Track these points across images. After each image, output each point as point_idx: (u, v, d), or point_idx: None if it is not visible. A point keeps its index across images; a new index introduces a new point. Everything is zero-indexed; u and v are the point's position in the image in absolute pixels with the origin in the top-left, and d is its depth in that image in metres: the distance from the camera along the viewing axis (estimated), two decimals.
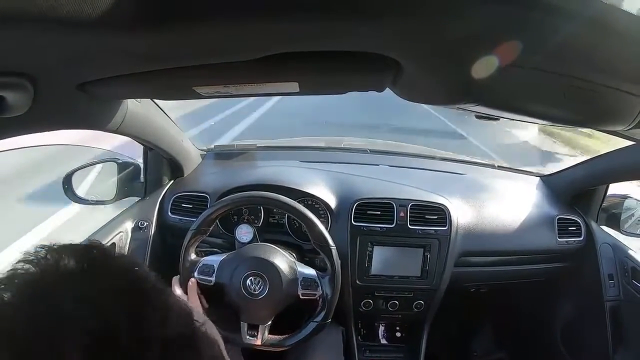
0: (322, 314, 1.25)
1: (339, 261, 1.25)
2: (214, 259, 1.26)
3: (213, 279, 1.23)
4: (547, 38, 0.46)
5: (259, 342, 1.23)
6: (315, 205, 1.51)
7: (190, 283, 1.21)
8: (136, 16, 0.42)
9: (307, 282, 1.24)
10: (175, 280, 1.24)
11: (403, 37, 0.49)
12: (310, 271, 1.26)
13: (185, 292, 1.21)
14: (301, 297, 1.23)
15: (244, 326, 1.23)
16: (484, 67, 0.49)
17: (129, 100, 1.01)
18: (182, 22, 0.43)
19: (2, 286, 0.37)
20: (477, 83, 0.54)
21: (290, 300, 1.24)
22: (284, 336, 1.25)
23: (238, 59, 0.56)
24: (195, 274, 1.23)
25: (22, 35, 0.43)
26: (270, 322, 1.24)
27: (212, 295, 1.28)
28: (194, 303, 1.20)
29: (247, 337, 1.23)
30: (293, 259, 1.28)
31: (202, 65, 0.57)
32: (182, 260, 1.23)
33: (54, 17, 0.39)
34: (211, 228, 1.26)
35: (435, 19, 0.44)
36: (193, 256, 1.25)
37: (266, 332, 1.24)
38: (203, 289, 1.25)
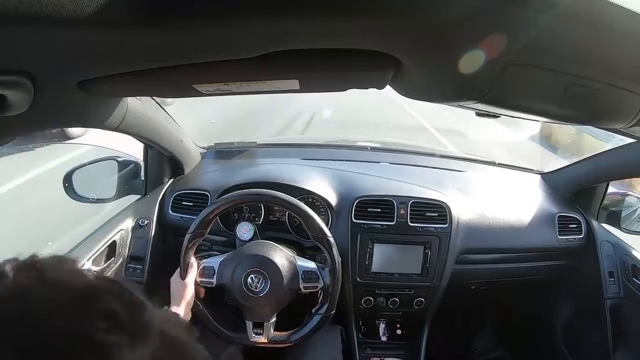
0: (325, 305, 1.25)
1: (338, 253, 1.25)
2: (214, 261, 1.26)
3: (214, 280, 1.23)
4: (547, 36, 0.46)
5: (265, 339, 1.23)
6: (316, 203, 1.51)
7: (189, 268, 1.21)
8: (136, 14, 0.42)
9: (308, 275, 1.24)
10: (177, 272, 1.24)
11: (402, 35, 0.49)
12: (310, 264, 1.26)
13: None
14: (303, 290, 1.24)
15: (249, 325, 1.24)
16: (484, 65, 0.49)
17: (129, 98, 1.01)
18: (182, 20, 0.43)
19: None
20: (478, 81, 0.54)
21: (292, 295, 1.24)
22: (290, 332, 1.26)
23: (238, 56, 0.56)
24: (197, 277, 1.23)
25: (21, 33, 0.43)
26: (274, 319, 1.24)
27: (215, 296, 1.28)
28: (190, 286, 1.19)
29: (253, 335, 1.23)
30: (292, 254, 1.28)
31: (202, 63, 0.57)
32: (182, 263, 1.23)
33: (53, 15, 0.39)
34: (209, 229, 1.26)
35: (433, 16, 0.44)
36: (193, 259, 1.25)
37: (271, 329, 1.24)
38: (205, 291, 1.25)
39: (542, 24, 0.44)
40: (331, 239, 1.24)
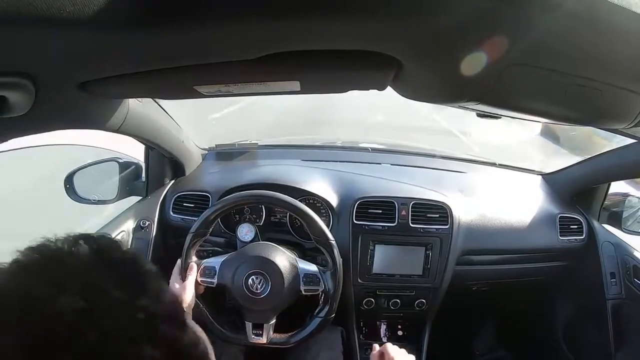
0: (326, 309, 1.25)
1: (340, 256, 1.25)
2: (215, 261, 1.25)
3: (215, 280, 1.23)
4: (549, 37, 0.46)
5: (264, 340, 1.23)
6: (317, 204, 1.51)
7: (189, 270, 1.21)
8: (136, 16, 0.42)
9: (309, 277, 1.24)
10: (175, 273, 1.24)
11: (402, 36, 0.49)
12: (311, 267, 1.26)
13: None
14: (303, 293, 1.23)
15: (249, 326, 1.23)
16: (485, 66, 0.49)
17: (130, 99, 1.01)
18: (183, 21, 0.43)
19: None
20: (478, 81, 0.54)
21: (293, 297, 1.24)
22: (289, 334, 1.26)
23: (239, 58, 0.56)
24: (197, 276, 1.23)
25: (23, 35, 0.43)
26: (274, 321, 1.24)
27: (215, 296, 1.28)
28: (189, 288, 1.18)
29: (253, 336, 1.23)
30: (294, 256, 1.28)
31: (202, 64, 0.57)
32: (183, 262, 1.23)
33: (54, 17, 0.39)
34: (211, 229, 1.26)
35: (434, 18, 0.44)
36: (194, 258, 1.25)
37: (271, 331, 1.24)
38: (206, 291, 1.25)
39: (543, 25, 0.44)
40: (333, 242, 1.24)
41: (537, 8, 0.42)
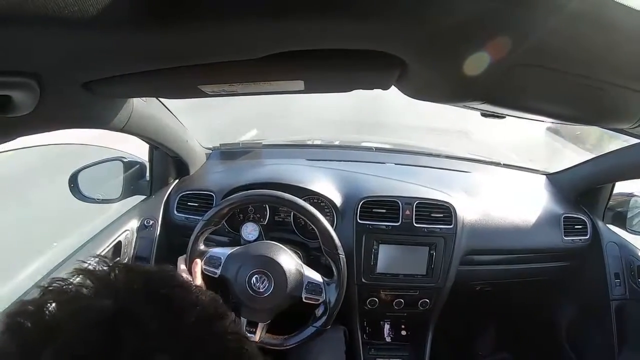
0: (323, 319, 1.25)
1: (347, 271, 1.26)
2: (222, 252, 1.26)
3: (218, 271, 1.23)
4: (554, 37, 0.46)
5: (256, 339, 1.23)
6: (321, 204, 1.51)
7: (194, 264, 1.22)
8: (140, 16, 0.42)
9: (312, 286, 1.24)
10: (180, 260, 1.26)
11: (407, 36, 0.49)
12: (316, 276, 1.26)
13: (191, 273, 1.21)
14: (304, 300, 1.24)
15: (244, 322, 1.24)
16: (490, 66, 0.49)
17: (134, 99, 1.02)
18: (187, 21, 0.43)
19: (50, 299, 0.35)
20: (482, 81, 0.54)
21: (292, 302, 1.24)
22: (283, 337, 1.26)
23: (243, 57, 0.56)
24: (202, 264, 1.24)
25: (27, 35, 0.43)
26: (269, 321, 1.25)
27: (214, 287, 1.28)
28: (197, 279, 1.20)
29: (246, 333, 1.23)
30: (300, 261, 1.29)
31: (207, 64, 0.57)
32: (190, 249, 1.24)
33: (58, 17, 0.39)
34: (222, 222, 1.29)
35: (440, 19, 0.44)
36: (202, 246, 1.26)
37: (264, 331, 1.24)
38: (206, 280, 1.26)
39: (547, 26, 0.44)
40: (342, 256, 1.25)
41: (541, 8, 0.42)
